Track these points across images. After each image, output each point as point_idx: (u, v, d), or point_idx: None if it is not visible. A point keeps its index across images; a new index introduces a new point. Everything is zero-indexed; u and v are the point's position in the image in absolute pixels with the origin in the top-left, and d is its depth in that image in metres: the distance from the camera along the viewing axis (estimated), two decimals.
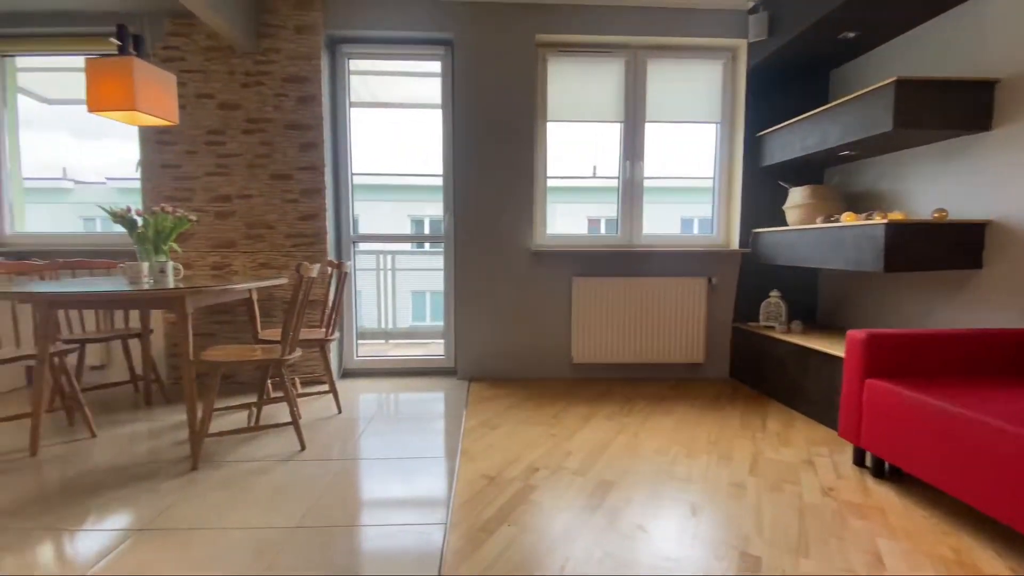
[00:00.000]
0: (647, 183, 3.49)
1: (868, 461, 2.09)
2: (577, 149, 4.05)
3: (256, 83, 3.16)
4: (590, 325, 3.39)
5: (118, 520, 1.70)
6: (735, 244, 3.45)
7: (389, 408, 2.90)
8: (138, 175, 3.24)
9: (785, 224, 3.23)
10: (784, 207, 3.13)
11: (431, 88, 3.49)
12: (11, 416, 2.30)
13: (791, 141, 2.99)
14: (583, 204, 9.68)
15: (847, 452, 2.26)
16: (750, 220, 3.41)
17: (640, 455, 2.23)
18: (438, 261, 3.65)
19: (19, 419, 2.31)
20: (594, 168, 9.05)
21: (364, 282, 4.75)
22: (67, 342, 2.64)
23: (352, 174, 3.49)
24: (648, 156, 3.47)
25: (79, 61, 3.39)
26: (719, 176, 3.53)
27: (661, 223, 3.62)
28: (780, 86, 3.31)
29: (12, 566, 1.45)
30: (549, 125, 3.43)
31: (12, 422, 2.44)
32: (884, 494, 1.89)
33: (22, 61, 3.45)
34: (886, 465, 2.03)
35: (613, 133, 3.49)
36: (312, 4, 3.12)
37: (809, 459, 2.19)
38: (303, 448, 2.28)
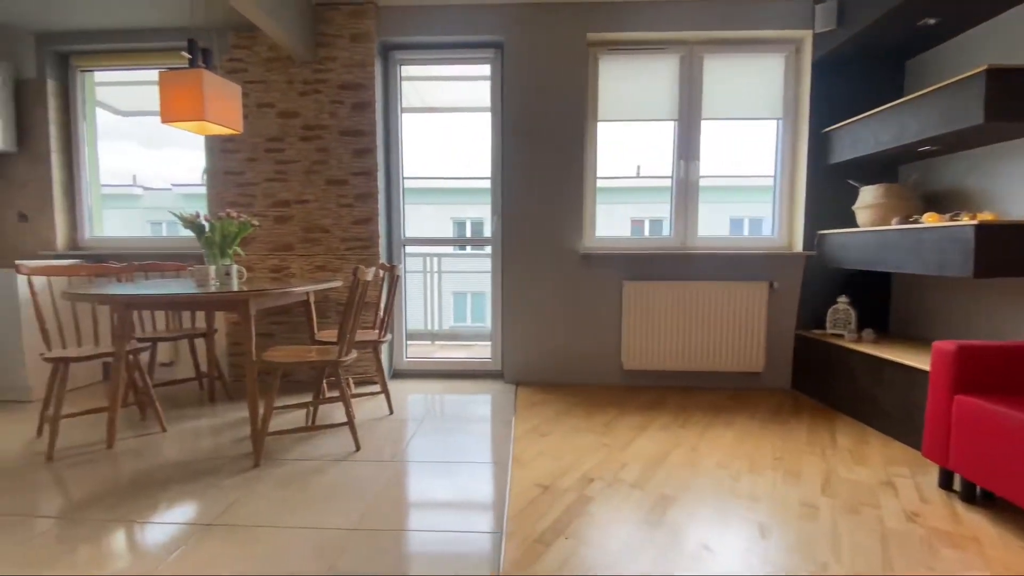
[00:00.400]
0: (701, 183, 3.36)
1: (957, 484, 1.92)
2: (621, 149, 3.95)
3: (313, 91, 3.25)
4: (642, 331, 3.29)
5: (186, 514, 1.76)
6: (798, 246, 3.27)
7: (438, 410, 2.90)
8: (203, 182, 3.39)
9: (854, 225, 3.04)
10: (854, 207, 2.94)
11: (480, 92, 3.49)
12: (90, 410, 2.44)
13: (864, 137, 2.80)
14: (626, 205, 9.47)
15: (931, 473, 2.08)
16: (814, 221, 3.22)
17: (700, 469, 2.13)
18: (481, 263, 3.64)
19: (97, 413, 2.45)
20: (638, 168, 8.84)
21: (410, 284, 4.81)
22: (141, 340, 2.79)
23: (404, 178, 3.53)
24: (703, 155, 3.34)
25: (149, 75, 3.60)
26: (780, 174, 3.36)
27: (710, 224, 3.47)
28: (848, 79, 3.11)
29: (88, 557, 1.52)
30: (599, 125, 3.36)
31: (91, 415, 2.59)
32: (977, 521, 1.73)
33: (100, 76, 3.69)
34: (977, 489, 1.86)
35: (665, 132, 3.38)
36: (366, 12, 3.18)
37: (888, 480, 2.03)
38: (358, 448, 2.31)
